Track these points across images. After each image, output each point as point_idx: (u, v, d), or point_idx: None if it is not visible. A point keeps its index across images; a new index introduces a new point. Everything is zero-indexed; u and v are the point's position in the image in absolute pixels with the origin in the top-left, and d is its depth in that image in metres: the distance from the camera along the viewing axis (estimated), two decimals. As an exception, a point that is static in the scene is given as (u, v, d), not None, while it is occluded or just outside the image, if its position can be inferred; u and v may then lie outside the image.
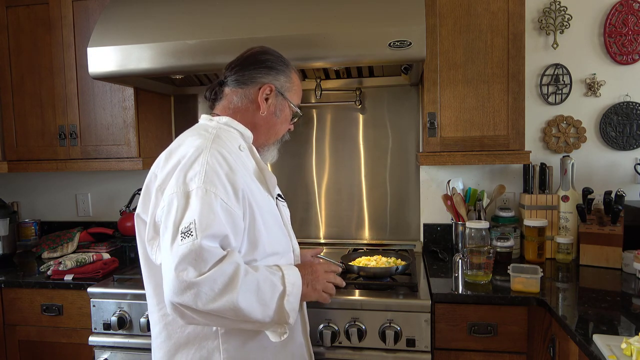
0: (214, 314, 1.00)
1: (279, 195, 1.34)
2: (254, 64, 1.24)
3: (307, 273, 1.21)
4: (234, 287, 1.00)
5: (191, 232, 0.99)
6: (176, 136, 2.43)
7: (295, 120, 1.35)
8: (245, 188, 1.11)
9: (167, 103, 2.44)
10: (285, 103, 1.29)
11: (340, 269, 1.30)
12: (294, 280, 1.14)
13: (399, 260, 1.85)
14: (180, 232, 1.00)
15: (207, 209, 1.01)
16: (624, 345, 1.08)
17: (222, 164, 1.08)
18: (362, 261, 1.84)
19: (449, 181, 2.14)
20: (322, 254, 1.55)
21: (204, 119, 1.27)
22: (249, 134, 1.24)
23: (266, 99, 1.24)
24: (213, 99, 1.29)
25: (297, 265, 1.22)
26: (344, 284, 1.32)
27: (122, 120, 2.14)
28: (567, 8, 2.07)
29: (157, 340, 1.20)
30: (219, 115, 1.25)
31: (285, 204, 1.36)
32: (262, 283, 1.06)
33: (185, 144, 1.15)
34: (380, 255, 1.91)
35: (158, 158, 1.20)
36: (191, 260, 0.97)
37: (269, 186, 1.24)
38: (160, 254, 1.09)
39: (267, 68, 1.24)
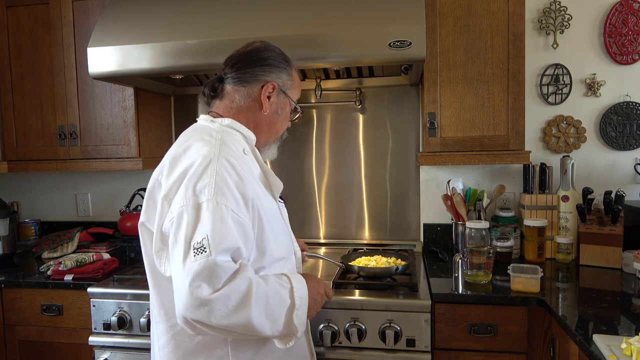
0: (226, 329, 1.00)
1: (280, 196, 1.32)
2: (257, 61, 1.21)
3: (313, 287, 1.19)
4: (247, 304, 0.99)
5: (204, 248, 0.97)
6: (176, 136, 2.44)
7: (296, 117, 1.35)
8: (254, 196, 1.09)
9: (167, 103, 2.44)
10: (286, 101, 1.27)
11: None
12: (302, 293, 1.13)
13: (399, 260, 1.85)
14: (192, 248, 0.98)
15: (220, 222, 0.99)
16: (624, 345, 1.08)
17: (231, 174, 1.05)
18: (362, 261, 1.84)
19: (449, 181, 2.14)
20: (321, 253, 1.54)
21: (204, 119, 1.22)
22: (252, 136, 1.22)
23: (268, 97, 1.22)
24: (212, 95, 1.25)
25: (305, 277, 1.20)
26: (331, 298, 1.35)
27: (122, 120, 2.14)
28: (567, 8, 2.07)
29: (165, 350, 1.18)
30: (220, 115, 1.22)
31: (284, 205, 1.35)
32: (272, 297, 1.05)
33: (191, 150, 1.10)
34: (380, 255, 1.91)
35: (161, 163, 1.16)
36: (205, 277, 0.95)
37: (273, 190, 1.22)
38: (169, 265, 1.07)
39: (270, 66, 1.22)
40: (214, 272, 0.96)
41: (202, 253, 0.96)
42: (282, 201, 1.33)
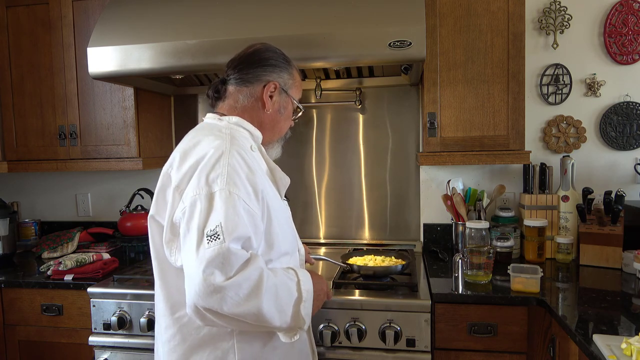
0: (236, 318, 1.00)
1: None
2: (258, 62, 1.24)
3: (317, 283, 1.21)
4: (258, 293, 1.01)
5: (218, 235, 0.99)
6: (176, 136, 2.47)
7: (297, 116, 1.38)
8: (263, 189, 1.12)
9: (167, 103, 2.44)
10: (288, 100, 1.30)
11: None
12: (308, 287, 1.15)
13: (399, 259, 1.85)
14: (206, 235, 0.99)
15: (232, 211, 1.01)
16: (624, 345, 1.08)
17: (242, 166, 1.08)
18: (361, 261, 1.84)
19: (449, 181, 2.14)
20: (322, 253, 1.55)
21: (211, 118, 1.25)
22: (258, 133, 1.25)
23: (270, 97, 1.25)
24: (216, 97, 1.27)
25: (309, 273, 1.22)
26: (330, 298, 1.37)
27: (122, 120, 2.14)
28: (567, 8, 2.07)
29: (170, 343, 1.18)
30: (225, 114, 1.24)
31: (287, 203, 1.37)
32: (280, 289, 1.07)
33: (202, 144, 1.13)
34: (380, 255, 1.90)
35: (170, 158, 1.18)
36: (218, 264, 0.97)
37: (279, 186, 1.25)
38: (179, 255, 1.09)
39: (271, 66, 1.25)
40: (227, 259, 0.98)
41: (216, 240, 0.98)
42: (286, 199, 1.34)
